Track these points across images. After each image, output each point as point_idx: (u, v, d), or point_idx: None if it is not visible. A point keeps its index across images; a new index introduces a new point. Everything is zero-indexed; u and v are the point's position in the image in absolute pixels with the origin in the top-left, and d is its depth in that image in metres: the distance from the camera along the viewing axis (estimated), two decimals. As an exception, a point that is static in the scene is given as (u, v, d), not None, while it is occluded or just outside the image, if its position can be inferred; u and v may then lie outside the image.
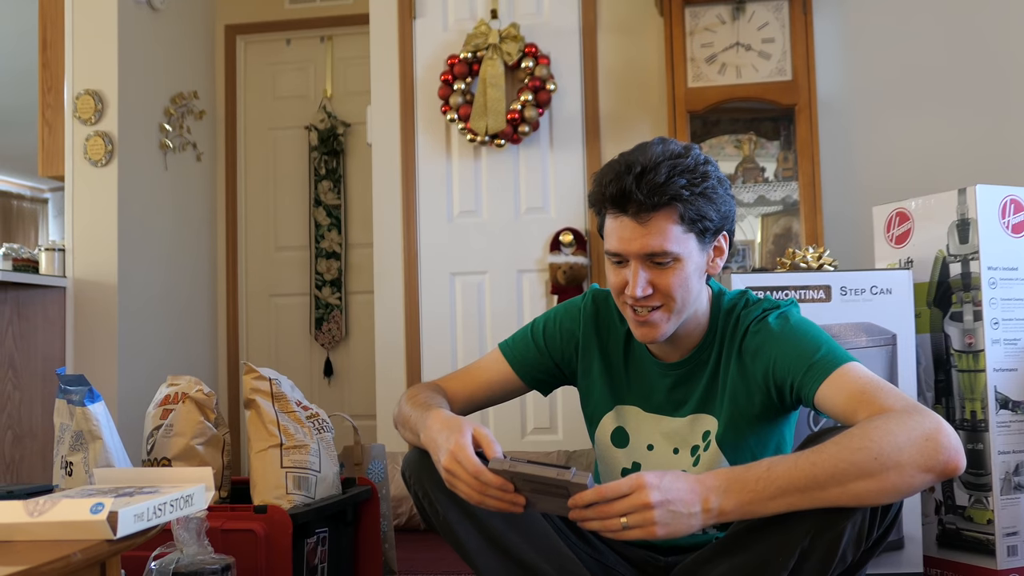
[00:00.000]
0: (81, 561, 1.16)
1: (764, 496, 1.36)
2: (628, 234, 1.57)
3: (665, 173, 1.54)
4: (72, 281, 3.91)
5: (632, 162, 1.57)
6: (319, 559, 2.07)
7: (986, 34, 3.67)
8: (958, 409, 2.32)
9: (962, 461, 1.36)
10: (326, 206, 4.88)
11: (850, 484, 1.35)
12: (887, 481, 1.34)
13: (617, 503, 1.33)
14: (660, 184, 1.53)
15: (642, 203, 1.54)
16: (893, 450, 1.34)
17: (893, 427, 1.36)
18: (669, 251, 1.56)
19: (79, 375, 2.00)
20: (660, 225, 1.55)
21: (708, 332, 1.71)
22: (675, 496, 1.34)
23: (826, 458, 1.36)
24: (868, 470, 1.34)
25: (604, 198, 1.59)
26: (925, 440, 1.35)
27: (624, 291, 1.61)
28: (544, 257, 3.84)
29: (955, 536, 2.32)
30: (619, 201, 1.56)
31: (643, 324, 1.62)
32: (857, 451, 1.35)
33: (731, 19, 3.60)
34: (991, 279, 2.27)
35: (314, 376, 4.87)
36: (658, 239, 1.55)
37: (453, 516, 1.57)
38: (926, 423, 1.37)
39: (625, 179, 1.55)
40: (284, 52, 5.01)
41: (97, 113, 3.94)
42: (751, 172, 3.71)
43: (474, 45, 3.80)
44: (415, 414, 1.66)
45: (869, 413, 1.42)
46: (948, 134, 3.67)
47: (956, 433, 1.38)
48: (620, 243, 1.59)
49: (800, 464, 1.37)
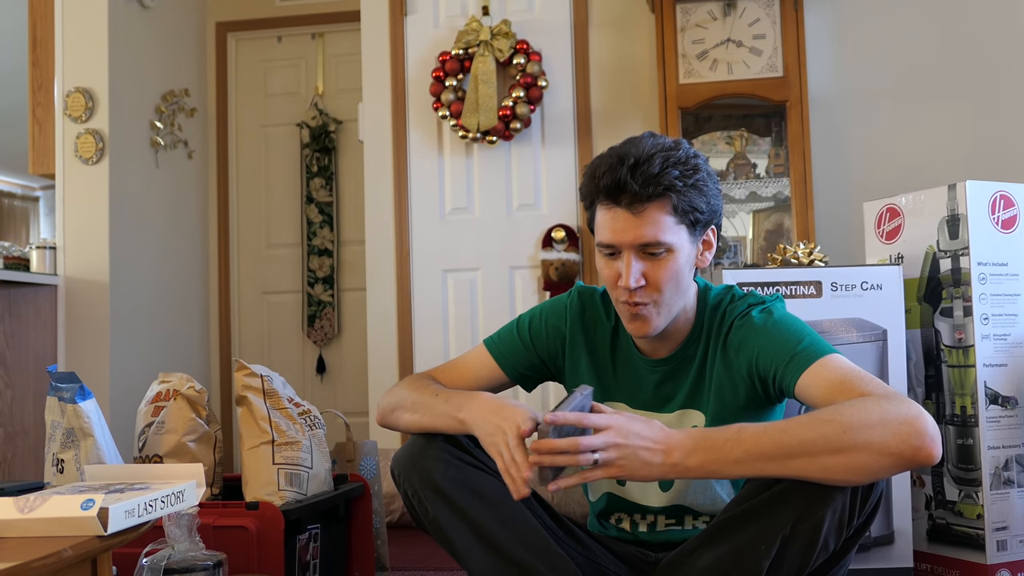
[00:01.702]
0: (72, 557, 1.17)
1: (730, 458, 1.39)
2: (622, 225, 1.58)
3: (659, 164, 1.55)
4: (63, 279, 3.90)
5: (625, 154, 1.58)
6: (311, 555, 2.07)
7: (976, 30, 3.68)
8: (948, 404, 2.33)
9: (937, 450, 1.37)
10: (318, 203, 4.88)
11: (818, 456, 1.37)
12: (855, 458, 1.36)
13: (591, 439, 1.39)
14: (655, 175, 1.55)
15: (637, 193, 1.55)
16: (864, 428, 1.36)
17: (869, 407, 1.38)
18: (663, 241, 1.57)
19: (70, 372, 1.99)
20: (654, 216, 1.57)
21: (695, 328, 1.72)
22: (641, 444, 1.40)
23: (796, 428, 1.39)
24: (837, 444, 1.36)
25: (598, 190, 1.60)
26: (900, 423, 1.36)
27: (618, 283, 1.61)
28: (536, 254, 3.84)
29: (945, 531, 2.33)
30: (613, 192, 1.57)
31: (636, 318, 1.63)
32: (827, 423, 1.37)
33: (722, 15, 3.61)
34: (981, 275, 2.28)
35: (307, 373, 4.87)
36: (652, 229, 1.57)
37: (443, 514, 1.56)
38: (904, 408, 1.38)
39: (619, 170, 1.56)
40: (275, 49, 5.01)
41: (88, 111, 3.93)
42: (742, 168, 3.72)
43: (465, 42, 3.80)
44: (430, 399, 1.67)
45: (849, 399, 1.43)
46: (939, 130, 3.68)
47: (936, 424, 1.39)
48: (613, 234, 1.59)
49: (769, 431, 1.40)
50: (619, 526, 1.78)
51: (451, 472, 1.57)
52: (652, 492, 1.73)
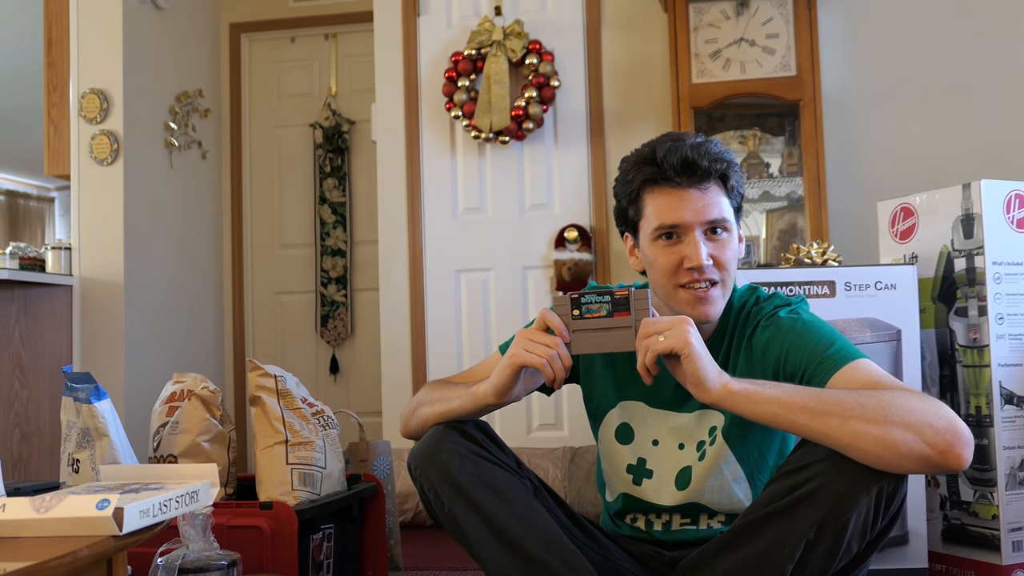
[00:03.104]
0: (87, 557, 1.17)
1: (767, 396, 1.44)
2: (688, 203, 1.61)
3: (716, 144, 1.62)
4: (78, 279, 3.92)
5: (677, 137, 1.64)
6: (325, 555, 2.08)
7: (991, 29, 3.66)
8: (963, 404, 2.32)
9: (968, 455, 1.36)
10: (331, 203, 4.89)
11: (852, 421, 1.38)
12: (889, 434, 1.36)
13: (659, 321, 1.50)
14: (717, 154, 1.61)
15: (706, 169, 1.60)
16: (904, 410, 1.37)
17: (911, 397, 1.40)
18: (726, 218, 1.63)
19: (85, 373, 2.00)
20: (717, 194, 1.63)
21: (719, 327, 1.72)
22: (701, 348, 1.48)
23: (837, 393, 1.43)
24: (873, 416, 1.37)
25: (660, 170, 1.62)
26: (939, 418, 1.37)
27: (680, 267, 1.62)
28: (549, 254, 3.84)
29: (960, 531, 2.32)
30: (682, 170, 1.60)
31: (703, 301, 1.63)
32: (869, 397, 1.40)
33: (735, 15, 3.60)
34: (996, 274, 2.27)
35: (320, 373, 4.88)
36: (717, 207, 1.62)
37: (458, 508, 1.56)
38: (943, 409, 1.39)
39: (683, 149, 1.60)
40: (288, 50, 5.02)
41: (102, 112, 3.95)
42: (756, 168, 3.71)
43: (478, 42, 3.80)
44: (445, 391, 1.71)
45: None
46: (953, 129, 3.66)
47: (971, 433, 1.39)
48: (679, 214, 1.61)
49: (811, 388, 1.46)
50: (634, 525, 1.78)
51: (467, 467, 1.57)
52: (667, 490, 1.73)
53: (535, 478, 1.68)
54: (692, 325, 1.49)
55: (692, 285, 1.62)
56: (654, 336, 1.48)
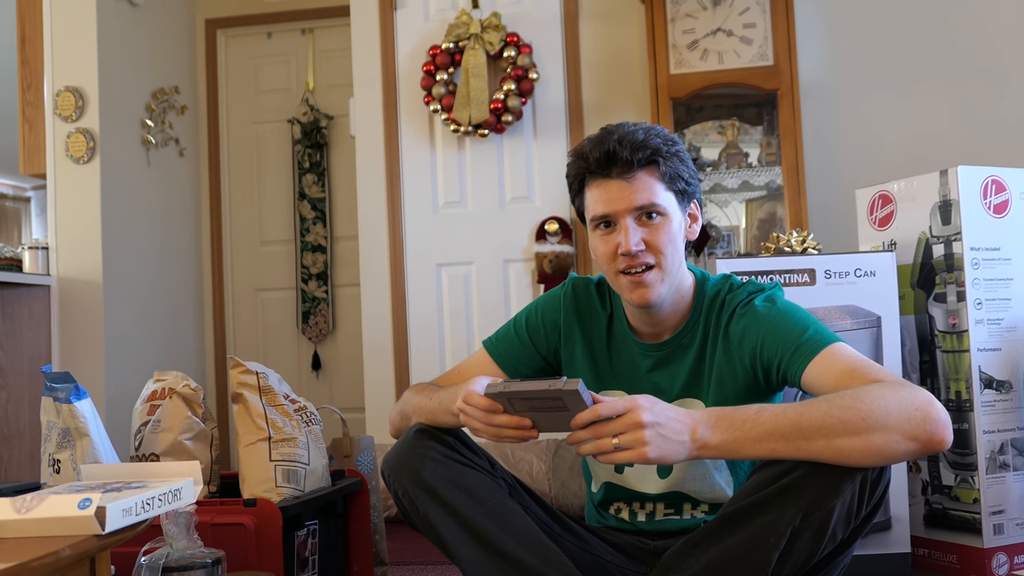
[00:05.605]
0: (70, 557, 1.16)
1: (749, 437, 1.41)
2: (616, 194, 1.64)
3: (643, 134, 1.64)
4: (56, 279, 3.89)
5: (609, 131, 1.67)
6: (310, 551, 2.07)
7: (967, 17, 3.68)
8: (943, 389, 2.34)
9: (948, 435, 1.39)
10: (310, 199, 4.87)
11: (836, 439, 1.38)
12: (872, 442, 1.37)
13: (611, 423, 1.39)
14: (640, 141, 1.63)
15: (627, 160, 1.62)
16: (882, 414, 1.37)
17: (885, 393, 1.40)
18: (657, 203, 1.64)
19: (65, 372, 1.99)
20: (645, 181, 1.64)
21: (691, 315, 1.72)
22: (665, 421, 1.40)
23: (815, 411, 1.40)
24: (855, 428, 1.37)
25: (587, 165, 1.66)
26: (915, 410, 1.38)
27: (616, 254, 1.65)
28: (530, 246, 3.84)
29: (942, 516, 2.34)
30: (604, 163, 1.64)
31: (639, 285, 1.65)
32: (847, 409, 1.39)
33: (712, 5, 3.60)
34: (974, 260, 2.28)
35: (302, 370, 4.87)
36: (645, 193, 1.64)
37: (433, 512, 1.57)
38: (917, 396, 1.40)
39: (608, 142, 1.64)
40: (265, 45, 4.99)
41: (78, 110, 3.92)
42: (735, 158, 3.72)
43: (456, 35, 3.79)
44: (425, 401, 1.71)
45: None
46: (930, 116, 3.68)
47: (946, 411, 1.40)
48: (608, 204, 1.65)
49: (788, 413, 1.41)
50: (618, 516, 1.79)
51: (440, 470, 1.58)
52: (650, 479, 1.74)
53: (510, 477, 1.69)
54: (645, 412, 1.39)
55: (629, 270, 1.65)
56: (606, 439, 1.40)
